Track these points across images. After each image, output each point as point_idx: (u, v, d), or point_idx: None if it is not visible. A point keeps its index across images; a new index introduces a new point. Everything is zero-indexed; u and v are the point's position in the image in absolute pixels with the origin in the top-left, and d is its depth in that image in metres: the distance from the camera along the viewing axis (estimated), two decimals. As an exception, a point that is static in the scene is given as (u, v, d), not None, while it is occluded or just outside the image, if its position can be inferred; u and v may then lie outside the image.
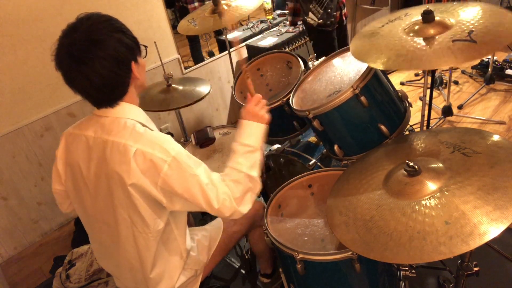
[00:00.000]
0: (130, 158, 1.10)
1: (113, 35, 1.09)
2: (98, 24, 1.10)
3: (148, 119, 1.23)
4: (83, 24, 1.09)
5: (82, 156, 1.21)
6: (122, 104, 1.18)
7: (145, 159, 1.10)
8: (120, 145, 1.12)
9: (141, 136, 1.12)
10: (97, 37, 1.07)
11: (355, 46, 1.40)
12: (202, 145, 1.94)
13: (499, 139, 1.14)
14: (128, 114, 1.18)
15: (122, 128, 1.14)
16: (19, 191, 2.49)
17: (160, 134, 1.16)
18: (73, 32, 1.08)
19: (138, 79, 1.18)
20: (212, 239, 1.51)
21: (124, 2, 2.61)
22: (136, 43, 1.17)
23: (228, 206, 1.16)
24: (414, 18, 1.35)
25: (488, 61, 3.26)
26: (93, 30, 1.08)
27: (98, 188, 1.20)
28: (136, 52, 1.17)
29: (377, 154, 1.38)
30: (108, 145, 1.14)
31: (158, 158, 1.10)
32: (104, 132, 1.16)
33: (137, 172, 1.10)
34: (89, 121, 1.23)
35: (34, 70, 2.34)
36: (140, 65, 1.19)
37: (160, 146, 1.11)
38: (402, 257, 0.95)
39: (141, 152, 1.10)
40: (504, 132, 2.70)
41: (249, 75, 1.47)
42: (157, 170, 1.10)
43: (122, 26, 1.14)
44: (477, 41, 1.13)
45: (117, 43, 1.09)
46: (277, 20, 3.60)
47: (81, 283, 2.00)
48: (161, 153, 1.11)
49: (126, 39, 1.12)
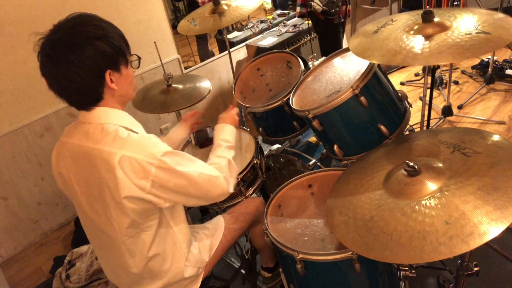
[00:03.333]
0: (115, 165, 1.09)
1: (92, 41, 1.07)
2: (82, 26, 1.08)
3: (134, 122, 1.22)
4: (68, 24, 1.09)
5: (70, 165, 1.20)
6: (99, 108, 1.16)
7: (132, 165, 1.09)
8: (103, 153, 1.11)
9: (125, 142, 1.11)
10: (74, 40, 1.06)
11: (354, 43, 1.40)
12: (202, 145, 1.94)
13: (499, 139, 1.14)
14: (110, 119, 1.16)
15: (105, 135, 1.13)
16: (19, 191, 2.49)
17: (143, 137, 1.14)
18: (56, 32, 1.08)
19: (115, 90, 1.15)
20: (213, 238, 1.51)
21: (124, 2, 2.61)
22: (120, 52, 1.14)
23: (221, 186, 1.29)
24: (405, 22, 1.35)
25: (488, 61, 3.26)
26: (74, 33, 1.07)
27: (90, 195, 1.19)
28: (118, 61, 1.14)
29: (377, 154, 1.38)
30: (93, 153, 1.13)
31: (144, 162, 1.09)
32: (88, 140, 1.15)
33: (126, 182, 1.09)
34: (74, 128, 1.21)
35: (34, 70, 2.33)
36: (122, 76, 1.16)
37: (145, 149, 1.10)
38: (402, 257, 0.95)
39: (127, 158, 1.09)
40: (504, 132, 2.70)
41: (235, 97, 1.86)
42: (145, 174, 1.10)
43: (108, 33, 1.11)
44: (491, 32, 1.13)
45: (92, 50, 1.07)
46: (277, 20, 3.60)
47: (81, 283, 2.00)
48: (147, 156, 1.10)
49: (106, 47, 1.09)
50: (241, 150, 1.89)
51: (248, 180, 1.79)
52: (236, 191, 1.75)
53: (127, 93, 1.22)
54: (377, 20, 1.50)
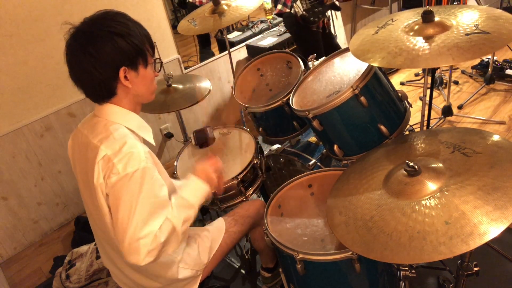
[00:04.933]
0: (97, 161, 1.10)
1: (112, 36, 1.10)
2: (105, 21, 1.11)
3: (142, 126, 1.23)
4: (93, 18, 1.12)
5: (76, 153, 1.25)
6: (110, 105, 1.18)
7: (107, 166, 1.10)
8: (94, 147, 1.14)
9: (114, 142, 1.12)
10: (95, 33, 1.09)
11: (354, 45, 1.41)
12: (202, 145, 1.94)
13: (499, 139, 1.14)
14: (117, 118, 1.18)
15: (103, 131, 1.15)
16: (19, 191, 2.49)
17: (135, 148, 1.11)
18: (83, 23, 1.13)
19: (129, 88, 1.17)
20: (213, 240, 1.51)
21: (124, 2, 2.61)
22: (140, 52, 1.15)
23: (136, 253, 1.04)
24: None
25: (488, 61, 3.26)
26: (96, 26, 1.10)
27: (86, 185, 1.21)
28: (136, 60, 1.15)
29: (377, 154, 1.38)
30: (88, 145, 1.17)
31: (115, 168, 1.08)
32: (90, 132, 1.19)
33: (100, 177, 1.11)
34: (89, 119, 1.25)
35: (34, 70, 2.35)
36: (139, 75, 1.18)
37: (124, 158, 1.09)
38: (402, 257, 0.95)
39: (108, 158, 1.10)
40: (504, 132, 2.70)
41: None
42: (109, 178, 1.10)
43: (131, 31, 1.13)
44: (490, 32, 1.13)
45: (111, 45, 1.09)
46: (277, 20, 3.60)
47: (81, 283, 2.00)
48: (121, 164, 1.08)
49: (125, 44, 1.11)
50: (241, 150, 1.89)
51: (248, 180, 1.79)
52: (236, 191, 1.75)
53: (142, 94, 1.23)
54: (377, 20, 1.50)
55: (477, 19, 1.24)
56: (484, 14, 1.26)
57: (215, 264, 1.52)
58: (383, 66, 1.27)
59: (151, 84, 1.24)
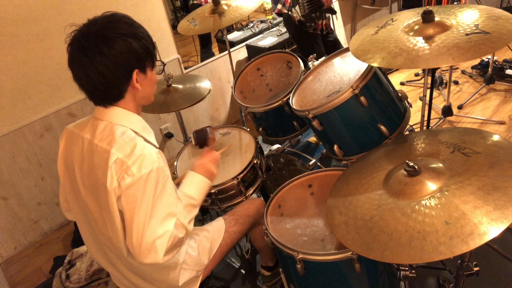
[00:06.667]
0: (109, 165, 1.10)
1: (126, 37, 1.10)
2: (117, 23, 1.11)
3: (145, 128, 1.23)
4: (103, 19, 1.11)
5: (77, 157, 1.22)
6: (115, 108, 1.18)
7: (121, 169, 1.10)
8: (103, 151, 1.13)
9: (125, 145, 1.12)
10: (109, 34, 1.09)
11: (354, 45, 1.41)
12: (202, 145, 1.94)
13: (499, 139, 1.14)
14: (122, 121, 1.18)
15: (110, 134, 1.15)
16: (19, 191, 2.49)
17: (146, 150, 1.12)
18: (92, 25, 1.11)
19: (139, 90, 1.17)
20: (213, 240, 1.51)
21: (124, 2, 2.61)
22: (149, 54, 1.16)
23: (153, 251, 1.09)
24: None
25: (488, 61, 3.26)
26: (108, 27, 1.10)
27: (91, 190, 1.20)
28: (146, 63, 1.16)
29: (377, 154, 1.38)
30: (95, 150, 1.15)
31: (130, 170, 1.09)
32: (95, 136, 1.17)
33: (114, 181, 1.10)
34: (87, 122, 1.23)
35: (34, 70, 2.34)
36: (147, 78, 1.19)
37: (138, 160, 1.09)
38: (402, 257, 0.95)
39: (120, 161, 1.10)
40: (504, 132, 2.70)
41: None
42: (122, 179, 1.10)
43: (140, 33, 1.14)
44: (490, 32, 1.13)
45: (125, 46, 1.10)
46: (277, 20, 3.60)
47: (81, 283, 2.00)
48: (136, 166, 1.09)
49: (138, 46, 1.12)
50: (241, 150, 1.89)
51: (248, 180, 1.79)
52: (236, 191, 1.75)
53: (148, 96, 1.23)
54: (377, 20, 1.50)
55: (477, 19, 1.24)
56: (484, 14, 1.26)
57: (215, 264, 1.52)
58: (383, 66, 1.27)
59: (154, 86, 1.26)
